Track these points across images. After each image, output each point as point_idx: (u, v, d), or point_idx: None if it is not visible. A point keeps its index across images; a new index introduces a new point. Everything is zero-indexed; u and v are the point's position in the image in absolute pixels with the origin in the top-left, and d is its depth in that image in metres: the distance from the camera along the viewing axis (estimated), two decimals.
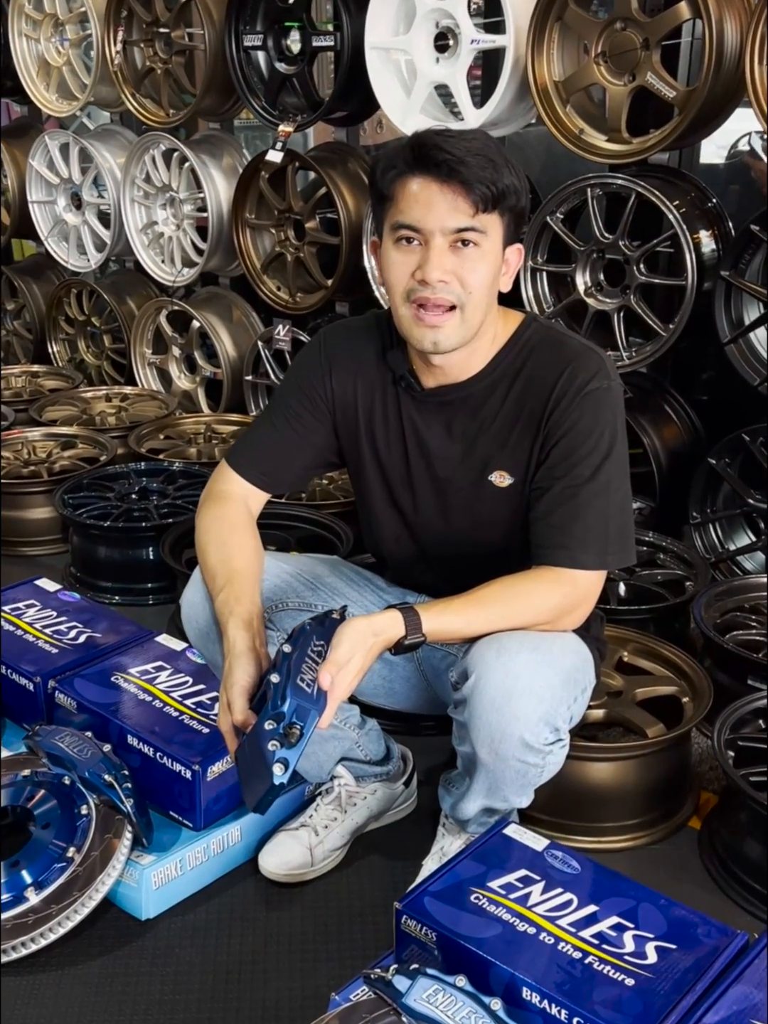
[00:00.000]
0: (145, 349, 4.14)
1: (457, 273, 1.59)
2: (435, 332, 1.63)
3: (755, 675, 2.25)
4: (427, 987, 1.41)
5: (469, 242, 1.57)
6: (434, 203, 1.55)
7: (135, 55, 3.77)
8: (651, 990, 1.42)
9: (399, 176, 1.57)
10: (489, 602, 1.62)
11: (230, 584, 1.69)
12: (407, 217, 1.58)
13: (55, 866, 1.78)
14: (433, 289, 1.59)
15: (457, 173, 1.52)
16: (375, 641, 1.55)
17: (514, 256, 1.67)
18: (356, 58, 3.10)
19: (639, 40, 2.62)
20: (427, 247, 1.58)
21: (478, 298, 1.62)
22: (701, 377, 3.26)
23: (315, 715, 1.48)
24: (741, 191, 3.48)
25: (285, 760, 1.45)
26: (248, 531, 1.82)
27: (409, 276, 1.60)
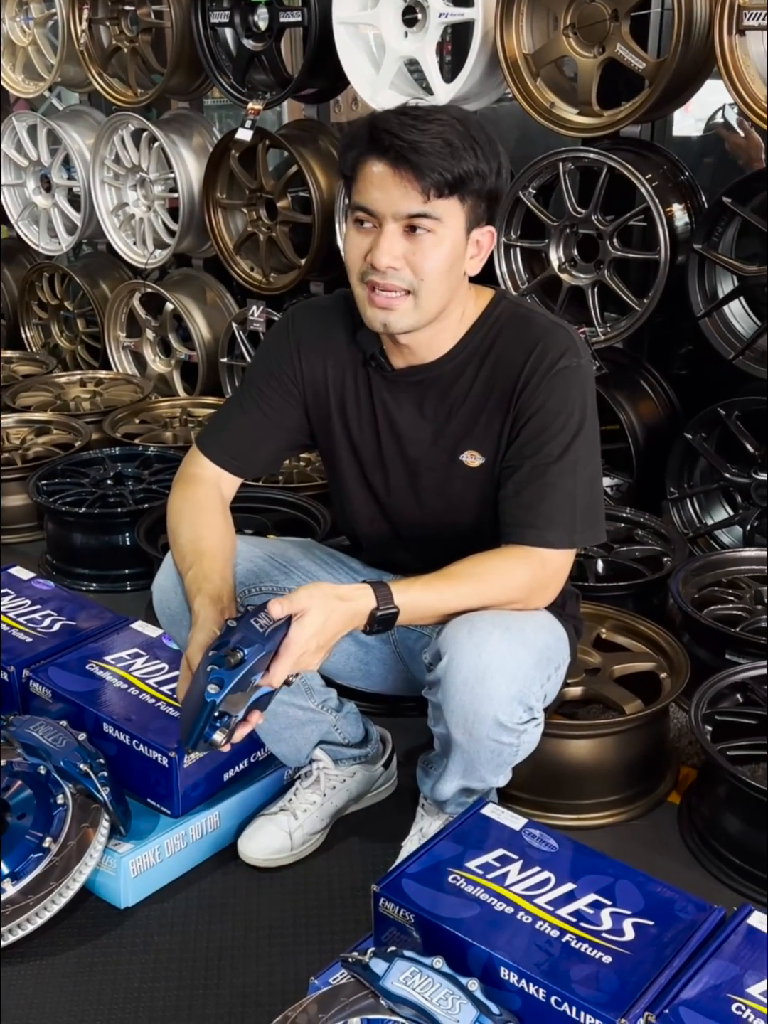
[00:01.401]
0: (119, 332, 4.10)
1: (409, 259, 1.56)
2: (386, 313, 1.61)
3: (733, 649, 2.25)
4: (404, 969, 1.40)
5: (422, 228, 1.55)
6: (387, 188, 1.53)
7: (101, 34, 3.73)
8: (628, 967, 1.41)
9: (359, 157, 1.55)
10: (460, 577, 1.61)
11: (199, 562, 1.69)
12: (363, 199, 1.56)
13: (31, 856, 1.77)
14: (383, 275, 1.57)
15: (408, 160, 1.50)
16: (337, 605, 1.52)
17: (486, 239, 1.64)
18: (325, 34, 3.07)
19: (608, 11, 2.59)
20: (379, 231, 1.56)
21: (432, 284, 1.59)
22: (677, 352, 3.25)
23: (260, 647, 1.45)
24: (715, 164, 3.45)
25: (220, 680, 1.42)
26: (218, 512, 1.80)
27: (362, 258, 1.59)
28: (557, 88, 2.78)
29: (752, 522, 2.74)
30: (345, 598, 1.53)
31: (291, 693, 1.88)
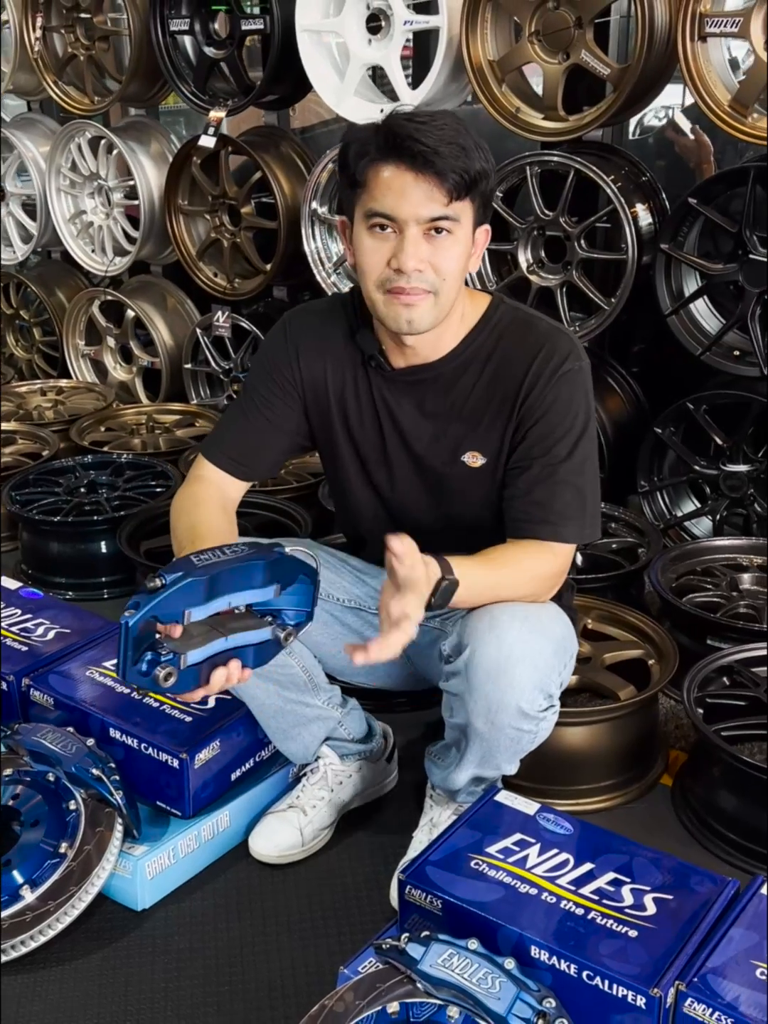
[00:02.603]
0: (78, 341, 4.09)
1: (431, 261, 1.60)
2: (409, 311, 1.64)
3: (715, 635, 2.33)
4: (441, 952, 1.44)
5: (443, 230, 1.59)
6: (408, 192, 1.56)
7: (55, 41, 3.71)
8: (654, 940, 1.47)
9: (371, 163, 1.58)
10: (499, 562, 1.65)
11: (192, 547, 1.68)
12: (381, 205, 1.58)
13: (48, 863, 1.78)
14: (408, 278, 1.60)
15: (431, 164, 1.53)
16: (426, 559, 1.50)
17: (482, 237, 1.69)
18: (286, 41, 3.09)
19: (572, 19, 2.66)
20: (402, 236, 1.59)
21: (450, 283, 1.64)
22: (636, 349, 3.33)
23: (185, 575, 1.41)
24: (668, 165, 3.55)
25: (135, 603, 1.40)
26: (217, 507, 1.83)
27: (384, 264, 1.61)
28: (522, 94, 2.84)
29: (721, 512, 2.83)
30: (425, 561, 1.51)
31: (298, 691, 1.91)
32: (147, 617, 1.40)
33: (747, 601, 2.45)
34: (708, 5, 2.49)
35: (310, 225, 3.28)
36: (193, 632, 1.45)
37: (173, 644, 1.43)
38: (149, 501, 3.01)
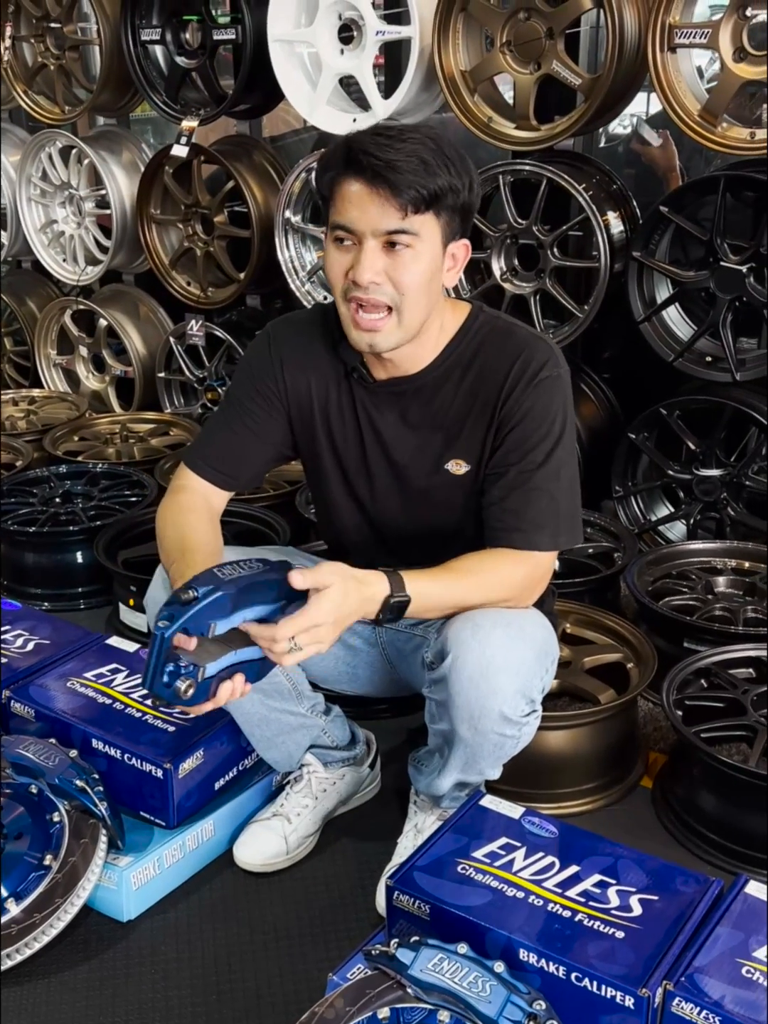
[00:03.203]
0: (50, 350, 4.07)
1: (389, 274, 1.61)
2: (371, 335, 1.67)
3: (691, 638, 2.35)
4: (431, 957, 1.45)
5: (401, 244, 1.60)
6: (365, 206, 1.58)
7: (25, 51, 3.70)
8: (641, 940, 1.49)
9: (334, 178, 1.61)
10: (463, 573, 1.67)
11: (182, 558, 1.71)
12: (342, 218, 1.61)
13: (33, 875, 1.77)
14: (365, 290, 1.62)
15: (385, 179, 1.55)
16: (356, 586, 1.55)
17: (461, 251, 1.70)
18: (258, 51, 3.10)
19: (543, 29, 2.69)
20: (360, 248, 1.61)
21: (413, 299, 1.65)
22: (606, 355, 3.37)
23: (215, 588, 1.44)
24: (638, 174, 3.59)
25: (171, 615, 1.42)
26: (203, 516, 1.83)
27: (344, 276, 1.64)
28: (494, 103, 2.87)
29: (695, 516, 2.86)
30: (362, 581, 1.56)
31: (282, 699, 1.91)
32: (180, 629, 1.42)
33: (722, 604, 2.48)
34: (677, 16, 2.53)
35: (284, 234, 3.29)
36: (206, 646, 1.47)
37: (191, 657, 1.45)
38: (125, 511, 3.00)
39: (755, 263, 2.60)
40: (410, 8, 2.81)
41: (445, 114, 3.14)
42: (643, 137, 3.81)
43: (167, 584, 1.80)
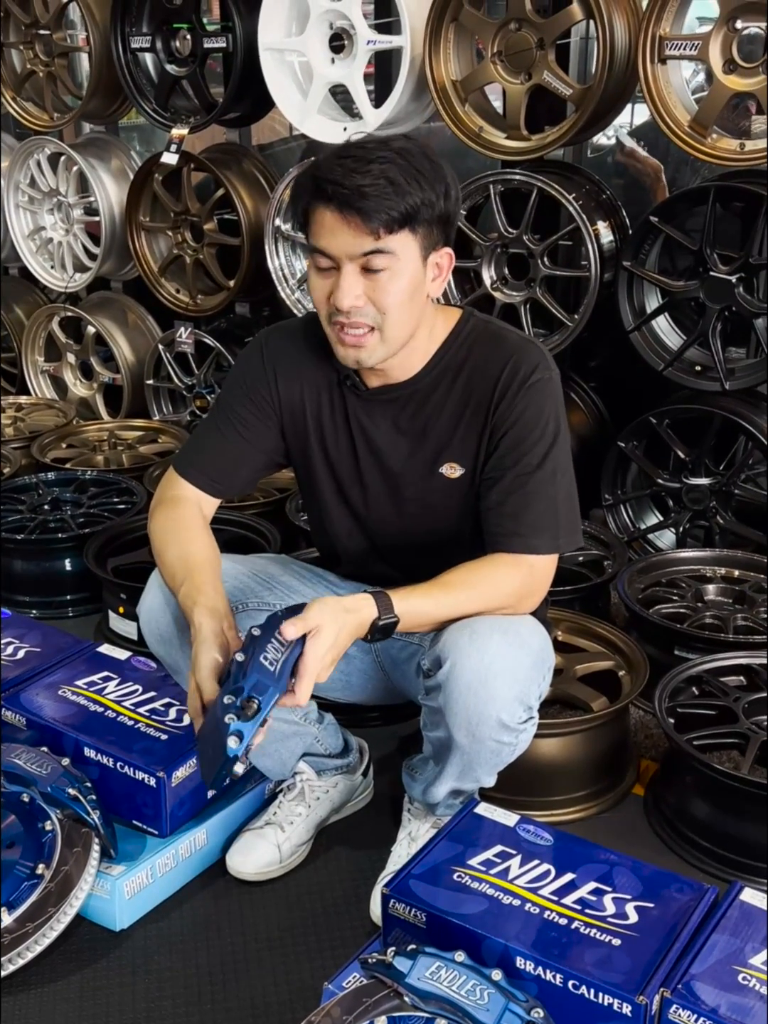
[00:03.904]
0: (37, 357, 4.06)
1: (370, 296, 1.62)
2: (356, 351, 1.68)
3: (682, 645, 2.36)
4: (429, 965, 1.45)
5: (380, 267, 1.60)
6: (337, 232, 1.58)
7: (13, 58, 3.70)
8: (638, 948, 1.49)
9: (307, 205, 1.61)
10: (456, 585, 1.67)
11: (190, 577, 1.71)
12: (318, 243, 1.62)
13: (25, 884, 1.76)
14: (347, 315, 1.63)
15: (352, 206, 1.55)
16: (347, 618, 1.56)
17: (444, 260, 1.69)
18: (249, 59, 3.11)
19: (534, 40, 2.70)
20: (339, 273, 1.61)
21: (395, 317, 1.65)
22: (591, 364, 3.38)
23: (274, 691, 1.49)
24: (626, 184, 3.61)
25: (240, 732, 1.47)
26: (202, 529, 1.83)
27: (326, 300, 1.65)
28: (484, 113, 2.88)
29: (684, 525, 2.87)
30: (351, 610, 1.57)
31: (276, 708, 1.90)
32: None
33: (712, 612, 2.49)
34: (667, 28, 2.55)
35: (274, 242, 3.29)
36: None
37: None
38: (114, 518, 2.99)
39: (744, 273, 2.61)
40: (401, 18, 2.82)
41: (435, 123, 3.15)
42: (626, 148, 3.84)
43: (160, 591, 1.79)
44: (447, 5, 2.77)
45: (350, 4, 2.88)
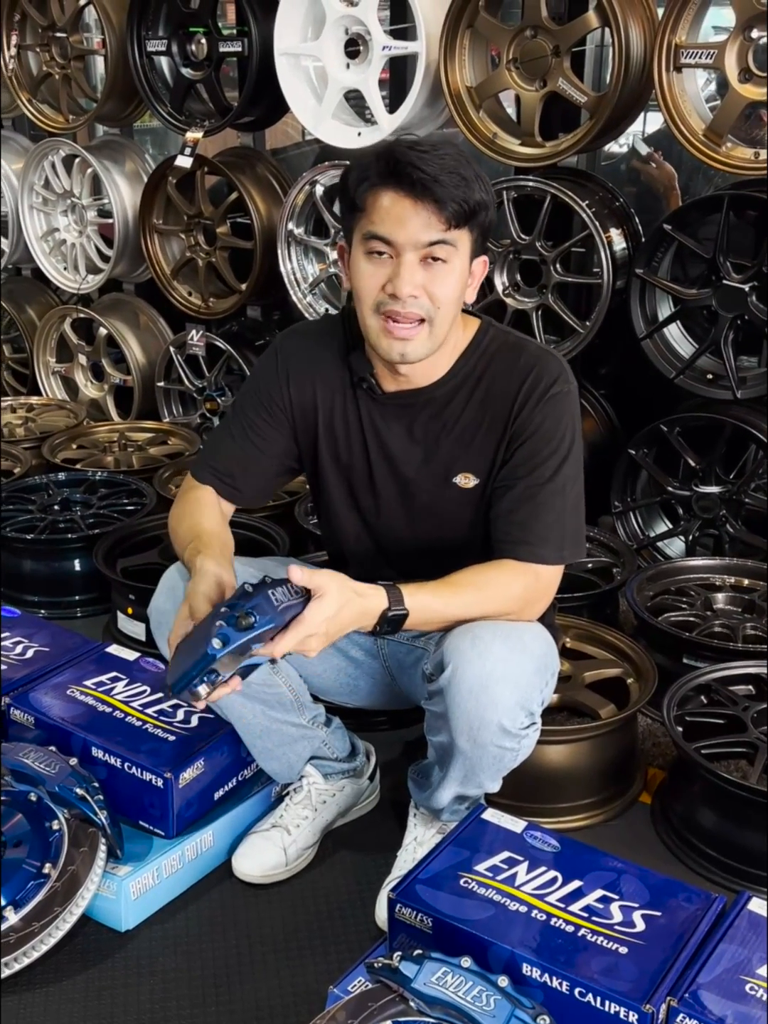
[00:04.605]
0: (49, 358, 4.07)
1: (427, 287, 1.62)
2: (403, 344, 1.67)
3: (691, 654, 2.36)
4: (435, 970, 1.45)
5: (439, 258, 1.61)
6: (407, 219, 1.58)
7: (30, 60, 3.71)
8: (645, 956, 1.49)
9: (371, 188, 1.60)
10: (464, 586, 1.67)
11: (197, 539, 1.74)
12: (380, 229, 1.60)
13: (32, 883, 1.76)
14: (403, 303, 1.62)
15: (430, 191, 1.55)
16: (354, 598, 1.56)
17: (479, 268, 1.71)
18: (264, 64, 3.11)
19: (549, 47, 2.71)
20: (398, 261, 1.60)
21: (445, 311, 1.66)
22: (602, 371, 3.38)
23: (272, 619, 1.47)
24: (639, 191, 3.61)
25: (226, 638, 1.45)
26: (216, 511, 1.86)
27: (379, 288, 1.63)
28: (498, 119, 2.88)
29: (693, 533, 2.87)
30: (360, 593, 1.58)
31: (284, 710, 1.91)
32: (232, 652, 1.45)
33: (721, 620, 2.48)
34: (683, 36, 2.55)
35: (286, 246, 3.30)
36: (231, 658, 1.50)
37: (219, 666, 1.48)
38: (124, 519, 3.00)
39: (757, 282, 2.61)
40: (417, 24, 2.82)
41: (448, 129, 3.15)
42: (640, 156, 3.85)
43: (172, 593, 1.80)
44: (463, 11, 2.77)
45: (366, 10, 2.89)
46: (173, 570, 1.83)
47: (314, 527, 2.78)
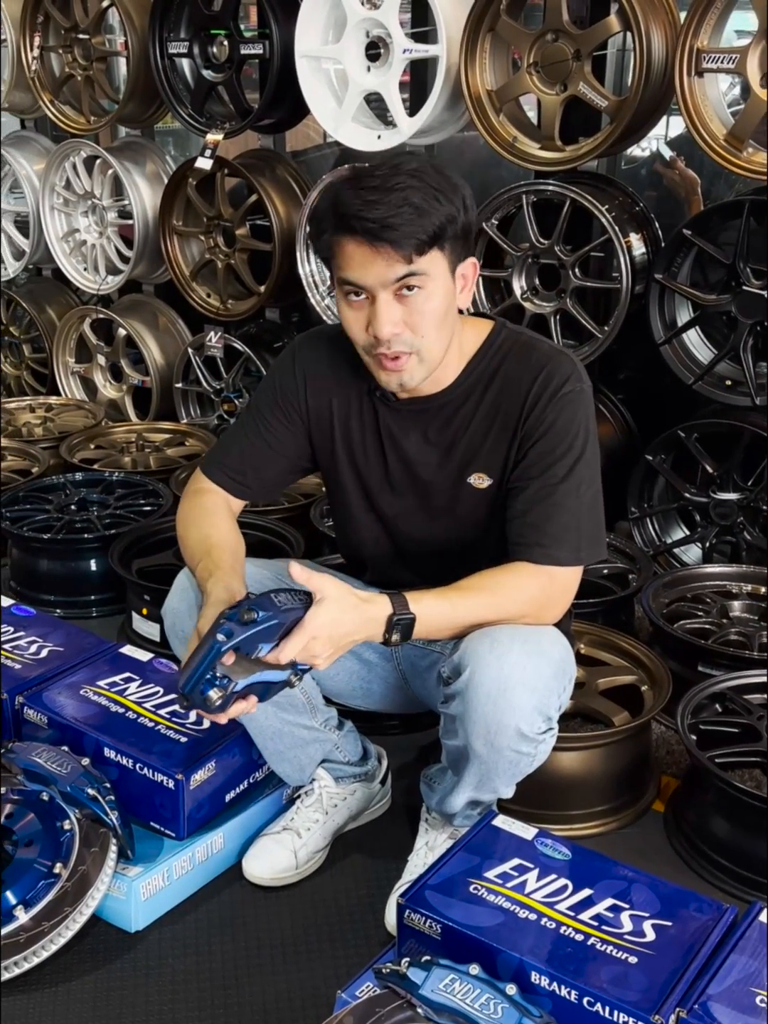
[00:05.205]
0: (68, 358, 4.09)
1: (407, 321, 1.62)
2: (399, 376, 1.68)
3: (706, 662, 2.34)
4: (443, 977, 1.45)
5: (414, 287, 1.60)
6: (368, 263, 1.58)
7: (52, 61, 3.73)
8: (654, 966, 1.48)
9: (331, 238, 1.61)
10: (473, 590, 1.66)
11: (208, 556, 1.74)
12: (349, 275, 1.61)
13: (42, 883, 1.76)
14: (388, 344, 1.63)
15: (383, 238, 1.55)
16: (357, 604, 1.56)
17: (469, 270, 1.69)
18: (285, 66, 3.12)
19: (570, 51, 2.70)
20: (373, 303, 1.61)
21: (432, 338, 1.65)
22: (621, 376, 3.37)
23: (273, 615, 1.50)
24: (660, 196, 3.60)
25: (230, 632, 1.48)
26: (226, 516, 1.86)
27: (364, 331, 1.64)
28: (519, 123, 2.88)
29: (710, 540, 2.85)
30: (364, 599, 1.58)
31: (296, 712, 1.91)
32: (236, 645, 1.48)
33: (738, 628, 2.46)
34: (705, 41, 2.54)
35: (305, 248, 3.30)
36: (242, 663, 1.52)
37: (226, 670, 1.51)
38: (140, 520, 3.00)
39: None
40: (438, 27, 2.82)
41: (468, 132, 3.15)
42: (664, 160, 3.83)
43: (187, 594, 1.80)
44: (484, 15, 2.77)
45: (387, 13, 2.89)
46: (187, 571, 1.83)
47: (329, 529, 2.78)
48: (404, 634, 1.61)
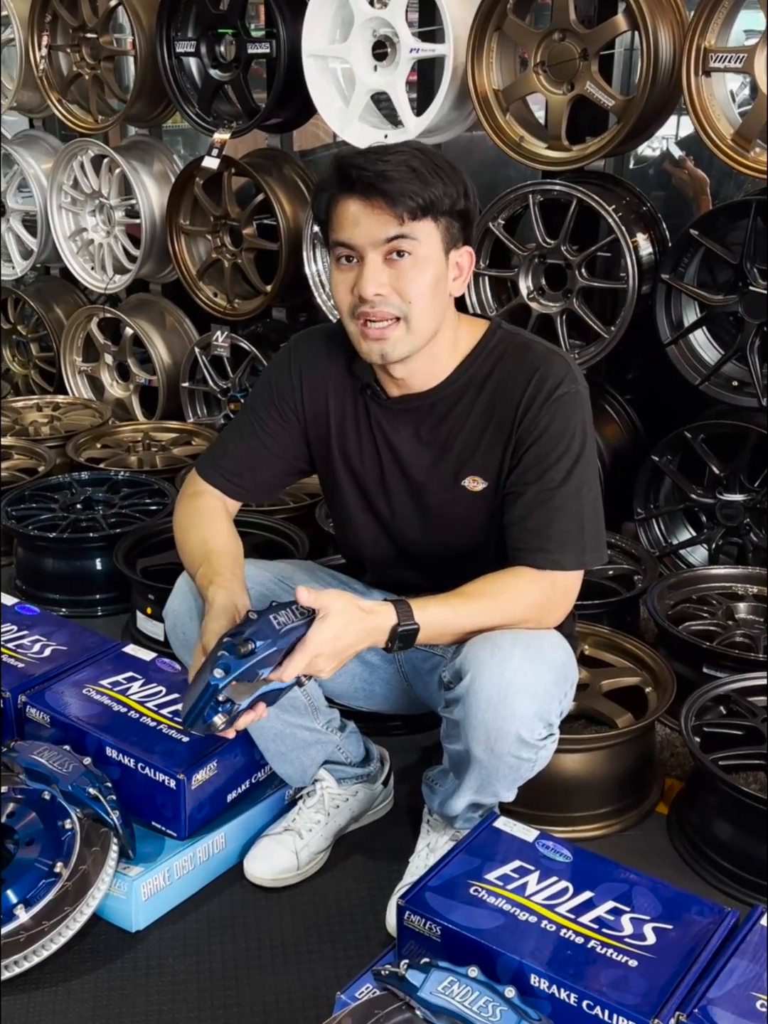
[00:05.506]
0: (75, 357, 4.09)
1: (394, 285, 1.62)
2: (381, 344, 1.67)
3: (711, 663, 2.33)
4: (442, 979, 1.44)
5: (403, 252, 1.60)
6: (362, 219, 1.59)
7: (60, 60, 3.73)
8: (654, 970, 1.47)
9: (331, 199, 1.62)
10: (476, 596, 1.66)
11: (208, 561, 1.74)
12: (341, 235, 1.62)
13: (43, 882, 1.76)
14: (372, 304, 1.62)
15: (379, 189, 1.56)
16: (361, 616, 1.56)
17: (465, 259, 1.70)
18: (292, 65, 3.12)
19: (577, 51, 2.69)
20: (362, 264, 1.61)
21: (420, 307, 1.64)
22: (629, 377, 3.36)
23: (272, 643, 1.50)
24: (667, 196, 3.58)
25: (227, 667, 1.48)
26: (223, 519, 1.86)
27: (350, 293, 1.64)
28: (525, 123, 2.87)
29: (717, 541, 2.84)
30: (367, 610, 1.57)
31: (298, 714, 1.91)
32: (235, 679, 1.48)
33: (743, 630, 2.45)
34: (713, 40, 2.52)
35: (312, 248, 3.30)
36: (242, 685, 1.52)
37: (229, 693, 1.51)
38: (145, 519, 3.00)
39: None
40: (444, 26, 2.81)
41: (476, 132, 3.14)
42: (674, 159, 3.82)
43: (188, 596, 1.80)
44: (491, 14, 2.76)
45: (394, 12, 2.88)
46: (186, 575, 1.83)
47: (333, 529, 2.77)
48: (407, 643, 1.62)
